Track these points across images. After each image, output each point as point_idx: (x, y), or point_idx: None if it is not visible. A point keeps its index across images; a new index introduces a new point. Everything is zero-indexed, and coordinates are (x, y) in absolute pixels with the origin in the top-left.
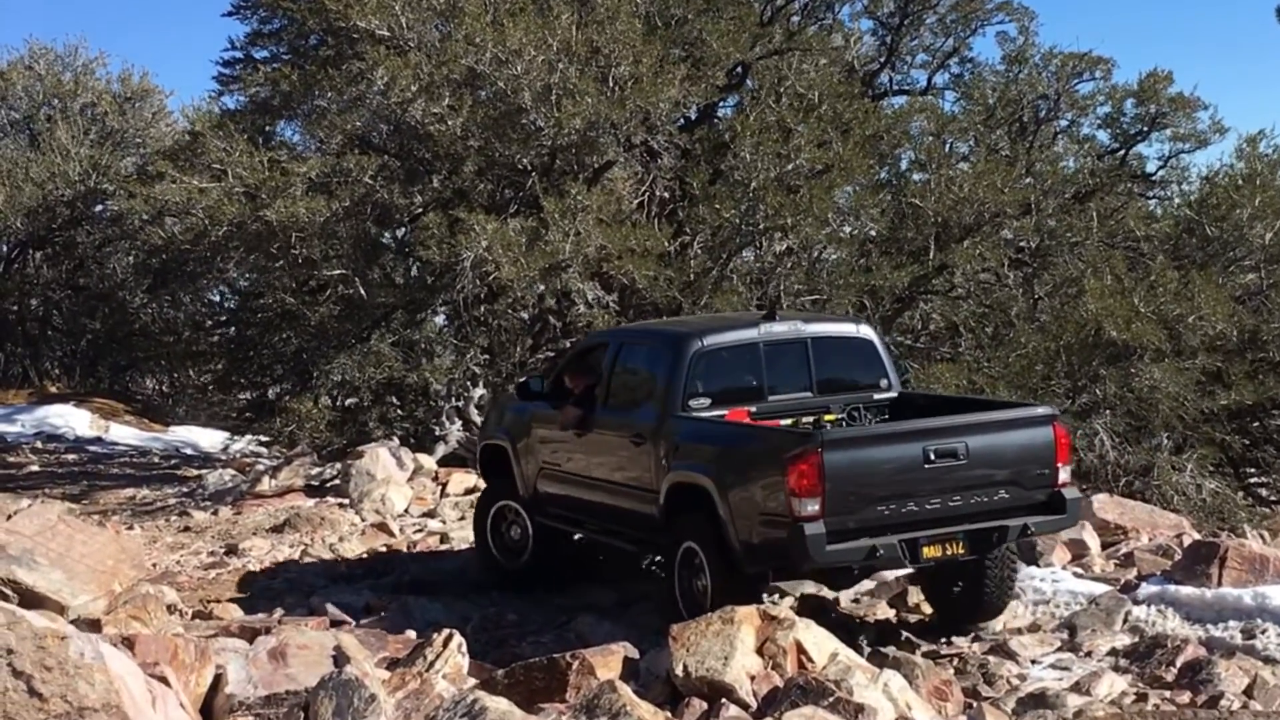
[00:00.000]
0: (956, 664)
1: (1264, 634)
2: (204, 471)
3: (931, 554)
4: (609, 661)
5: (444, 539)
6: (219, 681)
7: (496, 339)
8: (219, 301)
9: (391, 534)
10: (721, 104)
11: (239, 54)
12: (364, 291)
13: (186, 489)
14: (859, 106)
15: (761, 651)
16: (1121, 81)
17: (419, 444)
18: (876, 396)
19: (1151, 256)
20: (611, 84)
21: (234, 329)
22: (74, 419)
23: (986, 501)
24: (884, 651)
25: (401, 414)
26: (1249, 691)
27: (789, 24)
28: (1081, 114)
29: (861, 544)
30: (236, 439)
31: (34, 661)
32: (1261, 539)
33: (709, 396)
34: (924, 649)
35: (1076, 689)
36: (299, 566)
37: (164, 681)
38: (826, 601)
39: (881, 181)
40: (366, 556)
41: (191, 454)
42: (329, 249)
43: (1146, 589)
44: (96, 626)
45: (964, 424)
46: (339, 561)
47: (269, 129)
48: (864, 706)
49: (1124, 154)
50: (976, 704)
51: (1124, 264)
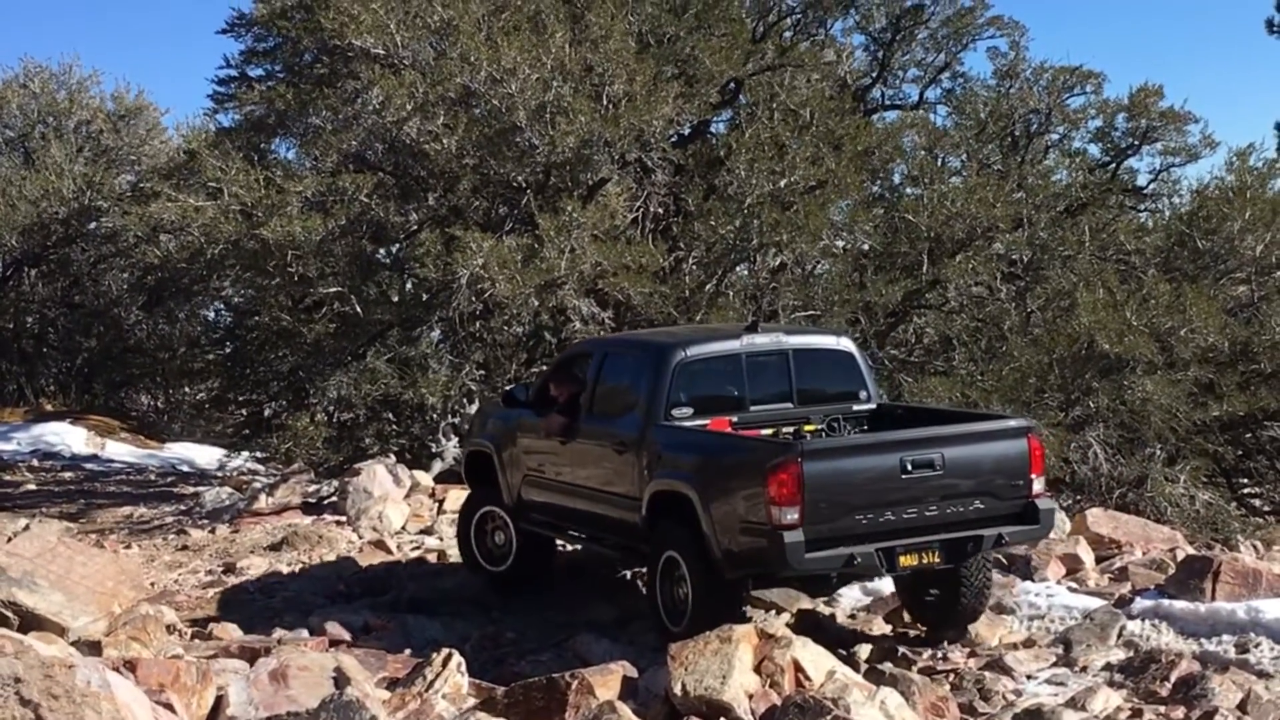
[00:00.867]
0: (952, 680)
1: (1257, 648)
2: (201, 489)
3: (908, 562)
4: (608, 681)
5: (441, 556)
6: (220, 703)
7: (492, 355)
8: (214, 319)
9: (389, 551)
10: (715, 120)
11: (234, 72)
12: (360, 309)
13: (184, 507)
14: (851, 122)
15: (759, 670)
16: (1112, 96)
17: (415, 460)
18: (856, 408)
19: (1143, 269)
20: (605, 102)
21: (230, 346)
22: (70, 437)
23: (962, 511)
24: (880, 669)
25: (398, 430)
26: (1243, 706)
27: (781, 40)
28: (1073, 128)
29: (839, 552)
30: (233, 456)
31: (41, 690)
32: (1255, 550)
33: (691, 406)
34: (920, 665)
35: (1072, 704)
36: (297, 584)
37: (169, 708)
38: (823, 618)
39: (874, 196)
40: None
41: (188, 471)
42: (325, 266)
43: (1141, 603)
44: (97, 648)
45: (940, 435)
46: (337, 580)
47: (264, 147)
48: None
49: (1115, 168)
50: None
51: (1116, 277)
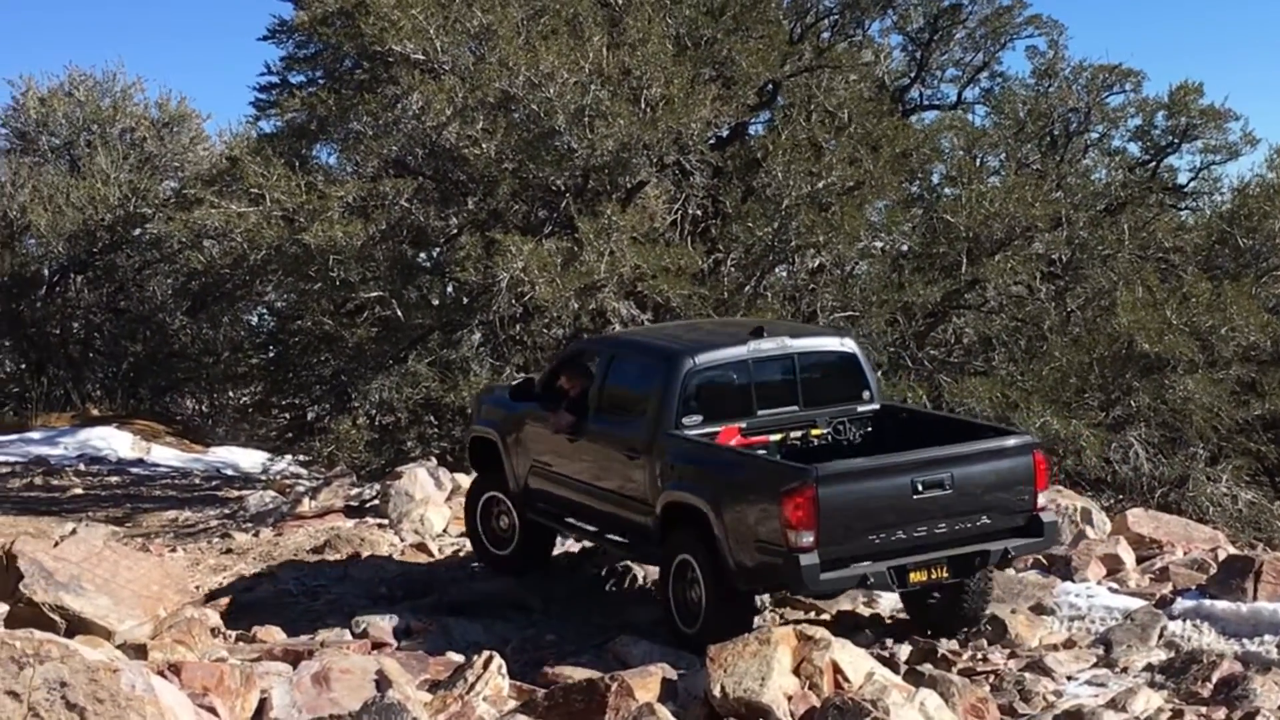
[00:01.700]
0: (992, 681)
1: None
2: (245, 493)
3: (918, 579)
4: (647, 683)
5: None
6: (264, 706)
7: (532, 358)
8: (257, 324)
9: (430, 554)
10: (753, 122)
11: (275, 79)
12: (401, 313)
13: (228, 510)
14: (889, 123)
15: (798, 671)
16: (1152, 94)
17: (456, 463)
18: (860, 409)
19: (1183, 268)
20: (643, 105)
21: (273, 351)
22: (116, 441)
23: (969, 527)
24: (920, 670)
25: (439, 434)
26: None
27: (818, 41)
28: (1112, 127)
29: (853, 572)
30: (276, 460)
31: (87, 694)
32: None
33: (700, 414)
34: (960, 667)
35: (1112, 705)
36: (340, 588)
37: (212, 711)
38: (862, 619)
39: (913, 197)
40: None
41: (232, 475)
42: (366, 271)
43: (1182, 604)
44: (143, 652)
45: (951, 455)
46: (379, 582)
47: (306, 153)
48: None
49: (1155, 166)
50: None
51: (1156, 276)
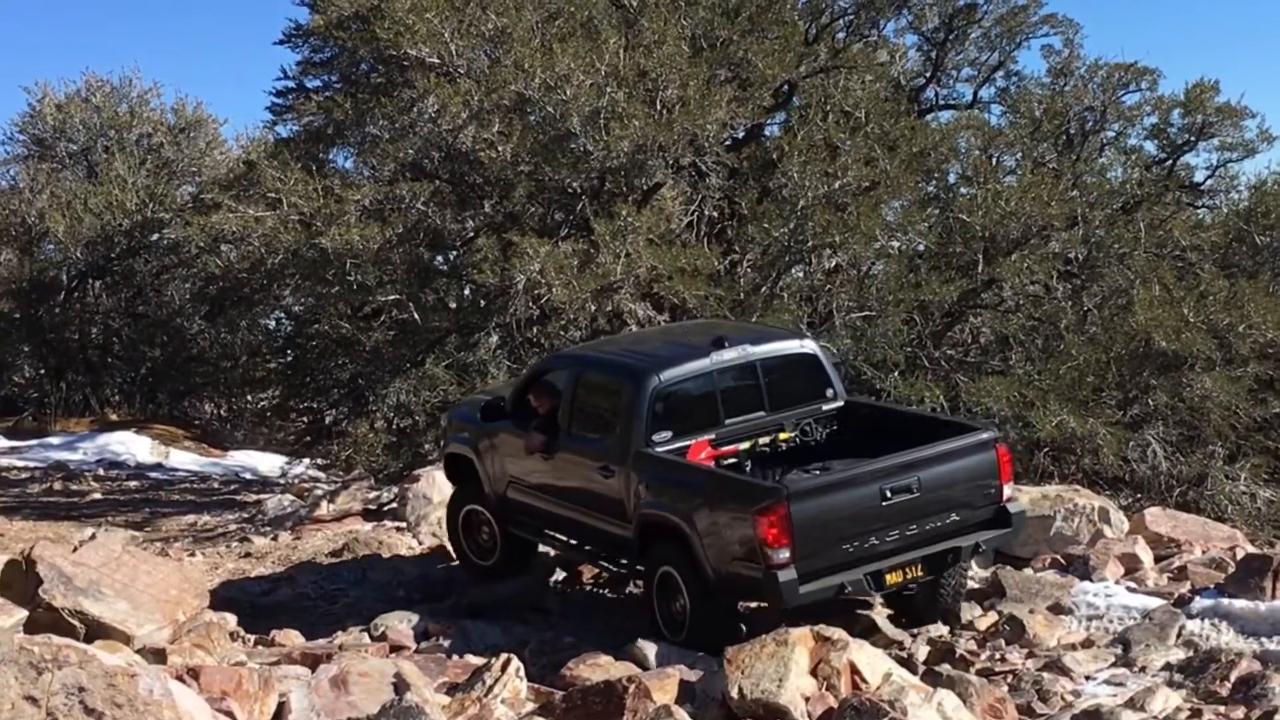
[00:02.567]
0: (1010, 681)
1: None
2: (263, 497)
3: (894, 580)
4: (665, 685)
5: None
6: (282, 710)
7: None
8: (275, 328)
9: (449, 557)
10: (768, 123)
11: (291, 83)
12: (418, 316)
13: (246, 514)
14: (905, 123)
15: (815, 673)
16: (1168, 92)
17: None
18: (825, 408)
19: (1200, 266)
20: (659, 107)
21: (290, 355)
22: (134, 446)
23: (939, 526)
24: (938, 670)
25: None
26: None
27: (834, 42)
28: (1128, 125)
29: (831, 582)
30: (294, 464)
31: (105, 699)
32: None
33: (670, 429)
34: (978, 667)
35: (1131, 705)
36: (358, 591)
37: (230, 715)
38: (879, 620)
39: (929, 197)
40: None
41: (250, 479)
42: (383, 274)
43: (1200, 602)
44: (162, 656)
45: (916, 459)
46: (397, 586)
47: (322, 157)
48: None
49: (1171, 164)
50: None
51: (1173, 274)
